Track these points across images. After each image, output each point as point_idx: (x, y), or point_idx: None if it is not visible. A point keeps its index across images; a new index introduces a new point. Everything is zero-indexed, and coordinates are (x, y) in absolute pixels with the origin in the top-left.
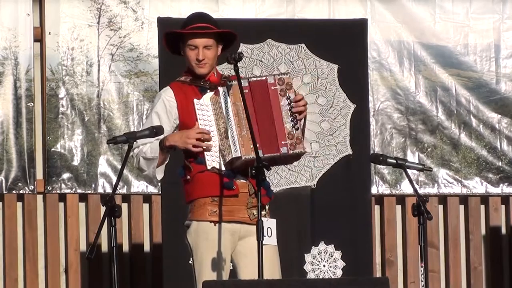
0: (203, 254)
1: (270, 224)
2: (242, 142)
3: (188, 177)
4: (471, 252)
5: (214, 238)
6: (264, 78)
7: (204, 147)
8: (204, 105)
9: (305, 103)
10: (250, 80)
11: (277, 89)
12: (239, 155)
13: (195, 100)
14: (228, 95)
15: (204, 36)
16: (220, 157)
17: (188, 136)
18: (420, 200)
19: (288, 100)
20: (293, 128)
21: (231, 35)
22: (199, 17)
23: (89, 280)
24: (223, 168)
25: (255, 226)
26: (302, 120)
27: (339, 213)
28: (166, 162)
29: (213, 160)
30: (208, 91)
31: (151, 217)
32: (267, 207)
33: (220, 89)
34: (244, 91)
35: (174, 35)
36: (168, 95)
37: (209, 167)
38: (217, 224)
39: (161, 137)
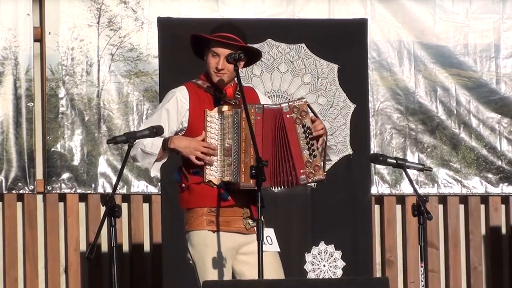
0: (205, 260)
1: (268, 233)
2: (243, 169)
3: (184, 185)
4: (471, 252)
5: (214, 244)
6: (278, 106)
7: (206, 161)
8: (214, 118)
9: (323, 126)
10: (264, 107)
11: (293, 117)
12: (237, 181)
13: (207, 111)
14: (240, 119)
15: (228, 47)
16: (218, 173)
17: (195, 147)
18: (420, 200)
19: (304, 128)
20: (311, 156)
21: (256, 51)
22: (229, 26)
23: (89, 280)
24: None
25: (251, 235)
26: (322, 144)
27: (339, 213)
28: (163, 161)
29: (211, 174)
30: (222, 103)
31: (151, 217)
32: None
33: (233, 110)
34: (256, 118)
35: (200, 39)
36: (182, 95)
37: (205, 180)
38: (215, 233)
39: (165, 135)
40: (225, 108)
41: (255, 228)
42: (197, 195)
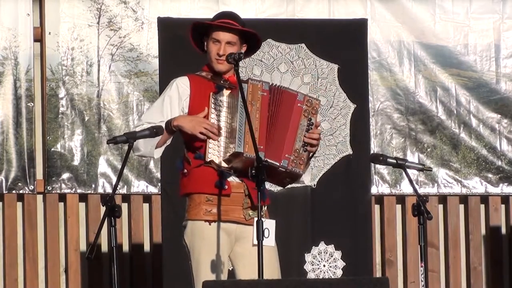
0: (200, 254)
1: (268, 225)
2: (248, 140)
3: (186, 170)
4: (471, 252)
5: (210, 237)
6: (295, 92)
7: (210, 137)
8: (219, 100)
9: (318, 138)
10: (275, 85)
11: (302, 108)
12: (241, 151)
13: (212, 94)
14: (247, 93)
15: (228, 31)
16: (221, 153)
17: (198, 122)
18: (420, 200)
19: (308, 122)
20: (302, 148)
21: (256, 37)
22: (228, 15)
23: (89, 280)
24: (222, 164)
25: (250, 227)
26: (312, 151)
27: (339, 213)
28: (166, 144)
29: (213, 153)
30: (225, 90)
31: (151, 217)
32: (265, 208)
33: (239, 85)
34: (263, 93)
35: (201, 27)
36: (183, 82)
37: (207, 159)
38: (212, 224)
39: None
40: (229, 92)
41: (255, 219)
42: (196, 179)
